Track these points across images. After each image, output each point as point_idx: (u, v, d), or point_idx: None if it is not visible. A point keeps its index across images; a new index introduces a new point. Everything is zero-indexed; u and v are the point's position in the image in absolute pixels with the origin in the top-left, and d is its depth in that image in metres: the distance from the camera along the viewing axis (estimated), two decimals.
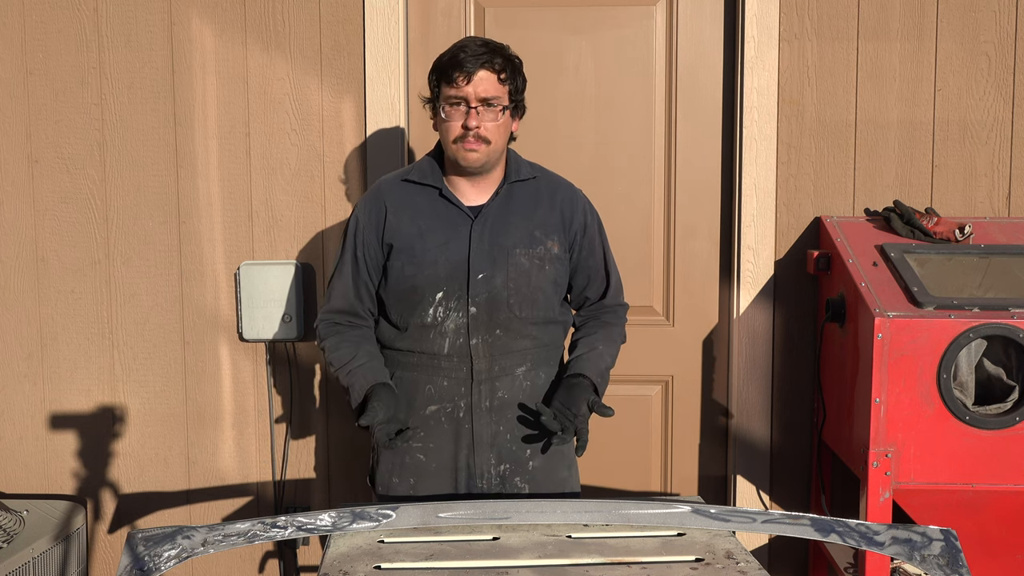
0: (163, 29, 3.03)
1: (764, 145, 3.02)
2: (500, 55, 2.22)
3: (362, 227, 2.33)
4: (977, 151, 3.02)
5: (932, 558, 1.67)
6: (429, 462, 2.31)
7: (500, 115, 2.22)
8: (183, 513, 3.17)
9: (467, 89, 2.18)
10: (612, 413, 2.20)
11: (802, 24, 3.00)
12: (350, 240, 2.34)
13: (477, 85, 2.18)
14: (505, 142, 2.28)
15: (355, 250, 2.33)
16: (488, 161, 2.25)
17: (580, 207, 2.37)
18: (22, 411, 3.14)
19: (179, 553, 1.67)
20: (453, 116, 2.21)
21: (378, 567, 1.78)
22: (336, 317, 2.34)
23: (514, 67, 2.25)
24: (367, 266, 2.32)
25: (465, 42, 2.24)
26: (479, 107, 2.19)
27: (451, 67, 2.19)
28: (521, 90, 2.28)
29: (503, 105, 2.22)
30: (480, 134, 2.20)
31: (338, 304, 2.34)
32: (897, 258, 2.70)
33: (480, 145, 2.21)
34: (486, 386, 2.28)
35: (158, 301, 3.10)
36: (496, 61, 2.20)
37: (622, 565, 1.77)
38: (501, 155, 2.30)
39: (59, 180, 3.07)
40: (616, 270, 2.44)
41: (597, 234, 2.40)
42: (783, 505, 3.13)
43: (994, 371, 2.53)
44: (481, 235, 2.26)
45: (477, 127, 2.19)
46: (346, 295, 2.33)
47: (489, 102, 2.20)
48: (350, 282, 2.33)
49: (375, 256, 2.32)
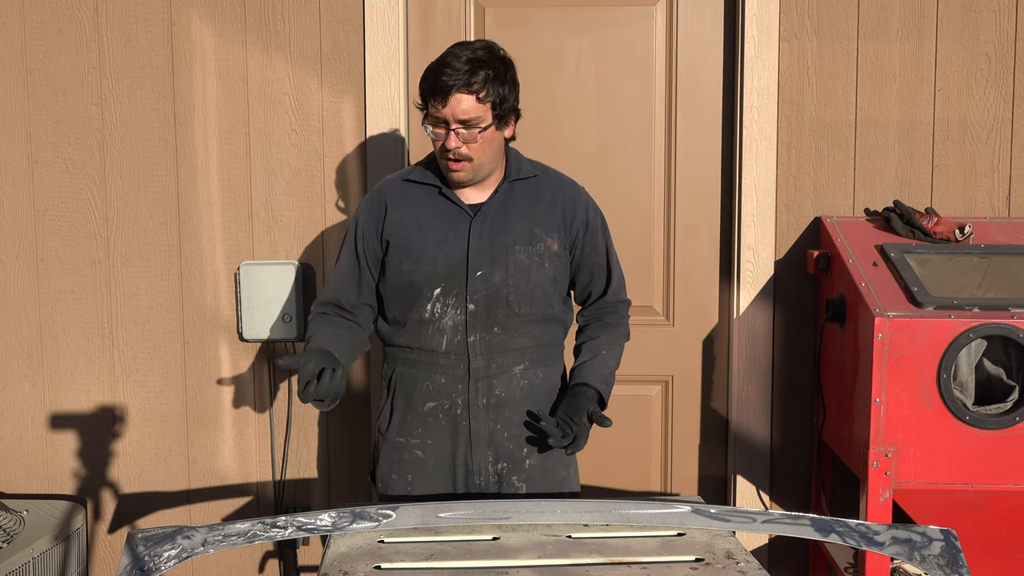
0: (163, 29, 3.03)
1: (764, 145, 3.02)
2: (483, 68, 2.16)
3: (362, 224, 2.35)
4: (977, 151, 3.02)
5: (932, 558, 1.67)
6: (427, 459, 2.31)
7: (480, 135, 2.19)
8: (183, 513, 3.17)
9: (445, 112, 2.16)
10: (610, 424, 2.21)
11: (802, 24, 3.00)
12: (351, 236, 2.37)
13: (454, 108, 2.15)
14: (492, 153, 2.25)
15: (355, 245, 2.35)
16: (475, 176, 2.25)
17: (582, 204, 2.36)
18: (22, 411, 3.14)
19: (179, 553, 1.67)
20: (436, 134, 2.21)
21: (378, 567, 1.78)
22: (323, 308, 2.37)
23: (499, 78, 2.19)
24: (367, 261, 2.34)
25: (449, 58, 2.17)
26: (458, 128, 2.17)
27: (430, 91, 2.18)
28: (508, 99, 2.22)
29: (483, 125, 2.18)
30: (460, 152, 2.19)
31: (327, 296, 2.37)
32: (897, 258, 2.69)
33: (462, 164, 2.21)
34: (483, 384, 2.28)
35: (158, 301, 3.10)
36: (474, 82, 2.14)
37: (622, 565, 1.77)
38: (493, 163, 2.28)
39: (59, 180, 3.07)
40: (619, 267, 2.44)
41: (600, 231, 2.40)
42: (783, 505, 3.13)
43: (994, 371, 2.53)
44: (480, 232, 2.27)
45: (457, 148, 2.18)
46: (338, 288, 2.36)
47: (468, 123, 2.17)
48: (344, 277, 2.35)
49: (375, 252, 2.34)
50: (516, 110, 2.27)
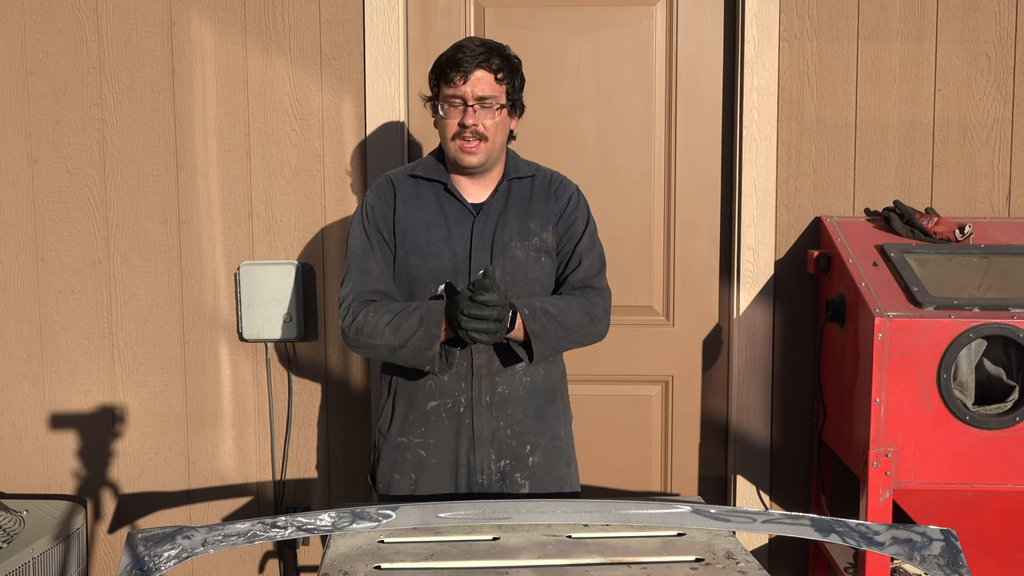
0: (163, 29, 3.03)
1: (764, 145, 3.02)
2: (498, 55, 2.27)
3: (378, 211, 2.32)
4: (977, 151, 3.02)
5: (932, 558, 1.67)
6: (430, 458, 2.32)
7: (497, 113, 2.26)
8: (183, 513, 3.17)
9: (464, 88, 2.24)
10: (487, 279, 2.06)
11: (802, 24, 3.00)
12: (370, 224, 2.31)
13: (474, 84, 2.24)
14: (503, 139, 2.32)
15: (378, 230, 2.30)
16: (487, 159, 2.29)
17: (567, 192, 2.39)
18: (22, 411, 3.14)
19: (179, 553, 1.66)
20: (451, 114, 2.26)
21: (378, 567, 1.78)
22: (371, 296, 2.27)
23: (512, 66, 2.30)
24: (388, 244, 2.31)
25: (464, 42, 2.28)
26: (476, 105, 2.24)
27: (449, 67, 2.25)
28: (519, 89, 2.33)
29: (500, 103, 2.26)
30: (477, 131, 2.25)
31: (374, 284, 2.27)
32: (897, 258, 2.69)
33: (477, 143, 2.26)
34: (486, 381, 2.29)
35: (158, 301, 3.10)
36: (493, 61, 2.25)
37: (622, 565, 1.77)
38: (500, 153, 2.33)
39: (59, 180, 3.07)
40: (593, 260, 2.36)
41: (579, 220, 2.36)
42: (783, 505, 3.13)
43: (994, 371, 2.53)
44: (482, 231, 2.30)
45: (474, 124, 2.24)
46: (381, 276, 2.29)
47: (485, 100, 2.24)
48: (381, 259, 2.29)
49: (391, 238, 2.31)
50: (522, 104, 2.37)
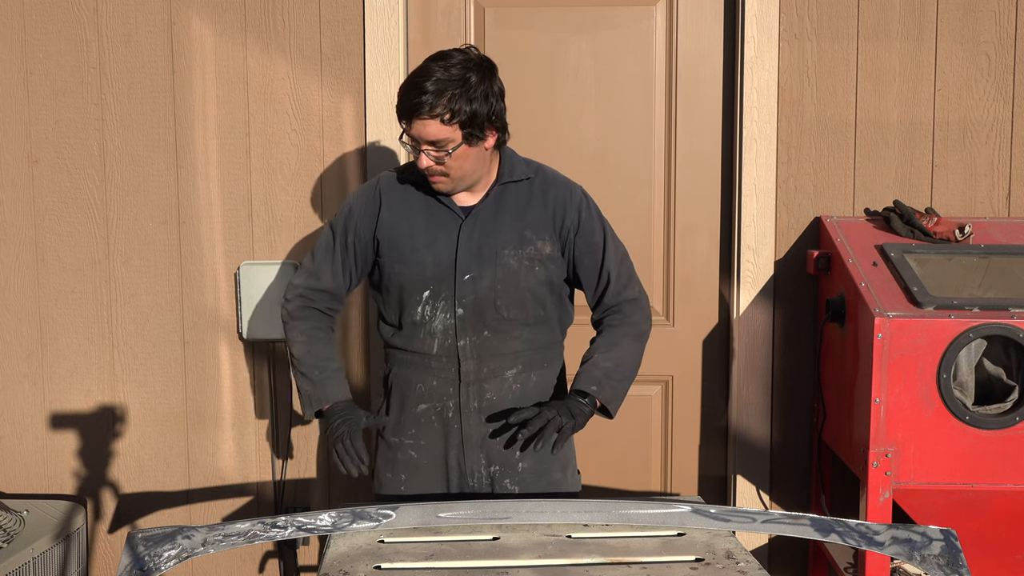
0: (163, 29, 3.03)
1: (764, 145, 3.02)
2: (447, 95, 2.10)
3: (356, 216, 2.32)
4: (977, 151, 3.02)
5: (932, 558, 1.67)
6: (420, 459, 2.32)
7: (450, 155, 2.16)
8: (183, 513, 3.17)
9: (414, 132, 2.16)
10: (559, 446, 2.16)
11: (802, 24, 3.00)
12: (341, 225, 2.33)
13: (420, 131, 2.14)
14: (472, 166, 2.21)
15: (347, 236, 2.32)
16: (456, 187, 2.25)
17: (574, 205, 2.31)
18: (22, 411, 3.14)
19: (179, 553, 1.67)
20: (413, 150, 2.20)
21: (378, 567, 1.78)
22: (315, 296, 2.34)
23: (469, 96, 2.12)
24: (355, 253, 2.32)
25: (416, 78, 2.14)
26: (428, 149, 2.16)
27: (399, 111, 2.17)
28: (480, 115, 2.14)
29: (451, 147, 2.15)
30: (434, 170, 2.19)
31: (324, 283, 2.33)
32: (897, 258, 2.70)
33: (440, 178, 2.21)
34: (474, 388, 2.28)
35: (158, 301, 3.10)
36: (437, 106, 2.10)
37: (622, 565, 1.77)
38: (476, 174, 2.24)
39: (59, 180, 3.07)
40: (624, 266, 2.36)
41: (596, 231, 2.33)
42: (783, 505, 3.13)
43: (994, 371, 2.53)
44: (470, 236, 2.26)
45: (429, 166, 2.18)
46: (334, 276, 2.33)
47: (437, 144, 2.15)
48: (340, 265, 2.33)
49: (364, 247, 2.32)
50: (495, 119, 2.19)
